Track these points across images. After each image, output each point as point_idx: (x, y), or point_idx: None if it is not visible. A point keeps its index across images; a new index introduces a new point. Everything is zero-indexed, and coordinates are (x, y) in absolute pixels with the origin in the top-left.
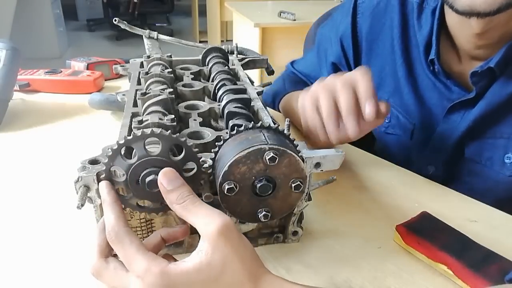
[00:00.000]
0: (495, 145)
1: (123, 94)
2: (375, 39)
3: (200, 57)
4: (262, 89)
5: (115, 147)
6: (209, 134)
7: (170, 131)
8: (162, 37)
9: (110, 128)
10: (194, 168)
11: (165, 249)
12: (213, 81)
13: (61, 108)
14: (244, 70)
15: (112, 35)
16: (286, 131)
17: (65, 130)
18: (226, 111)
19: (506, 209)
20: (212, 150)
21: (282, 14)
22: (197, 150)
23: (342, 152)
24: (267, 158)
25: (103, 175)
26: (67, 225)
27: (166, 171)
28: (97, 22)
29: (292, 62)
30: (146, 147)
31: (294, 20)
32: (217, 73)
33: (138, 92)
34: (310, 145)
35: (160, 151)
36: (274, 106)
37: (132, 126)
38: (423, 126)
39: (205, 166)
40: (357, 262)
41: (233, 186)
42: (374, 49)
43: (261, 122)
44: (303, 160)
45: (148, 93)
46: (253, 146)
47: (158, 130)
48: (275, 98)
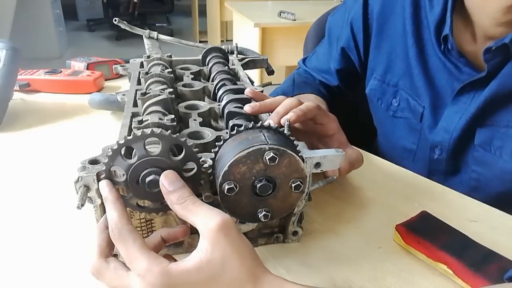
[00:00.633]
0: (507, 134)
1: (123, 94)
2: (386, 21)
3: (200, 57)
4: (262, 89)
5: (115, 147)
6: (209, 134)
7: (170, 131)
8: (162, 37)
9: (110, 128)
10: (194, 168)
11: (165, 249)
12: (213, 81)
13: (61, 108)
14: (244, 70)
15: (112, 35)
16: (286, 131)
17: (65, 130)
18: (226, 111)
19: (509, 200)
20: (212, 150)
21: (282, 14)
22: (197, 150)
23: (342, 152)
24: (267, 158)
25: (103, 175)
26: (67, 225)
27: (167, 173)
28: (97, 22)
29: (304, 59)
30: (146, 147)
31: (294, 20)
32: (217, 73)
33: (138, 92)
34: None
35: (160, 151)
36: None
37: (132, 126)
38: (433, 108)
39: (205, 166)
40: (357, 262)
41: (233, 186)
42: (385, 30)
43: (261, 122)
44: (303, 160)
45: (148, 93)
46: (253, 146)
47: (158, 130)
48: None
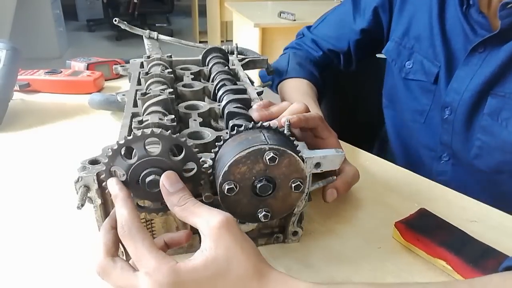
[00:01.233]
0: None
1: (123, 94)
2: None
3: (200, 57)
4: (262, 89)
5: (115, 147)
6: (209, 134)
7: (170, 131)
8: (162, 37)
9: (110, 128)
10: (194, 168)
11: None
12: (213, 81)
13: (61, 108)
14: (244, 70)
15: (112, 35)
16: (286, 131)
17: (65, 130)
18: (226, 111)
19: (506, 173)
20: (212, 150)
21: (282, 14)
22: (197, 150)
23: (342, 152)
24: (267, 158)
25: (103, 175)
26: (67, 225)
27: (168, 174)
28: (97, 22)
29: (308, 27)
30: (146, 147)
31: (294, 20)
32: (217, 73)
33: (138, 92)
34: None
35: (160, 151)
36: (272, 85)
37: (132, 126)
38: (447, 70)
39: (205, 166)
40: (357, 262)
41: (233, 186)
42: None
43: (261, 122)
44: (303, 160)
45: (148, 93)
46: (253, 146)
47: (158, 130)
48: (275, 77)
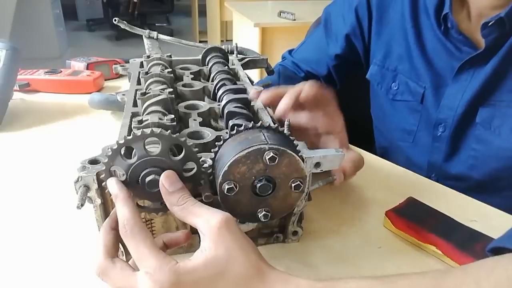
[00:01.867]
0: (508, 113)
1: (123, 94)
2: (386, 8)
3: (200, 57)
4: (262, 89)
5: (115, 147)
6: (209, 134)
7: (170, 131)
8: (162, 37)
9: (110, 128)
10: (194, 168)
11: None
12: (213, 81)
13: (61, 108)
14: (244, 70)
15: (112, 35)
16: (286, 131)
17: (65, 130)
18: (226, 111)
19: (504, 179)
20: (212, 150)
21: (282, 14)
22: (197, 150)
23: (342, 152)
24: (267, 158)
25: (103, 175)
26: (67, 225)
27: (168, 174)
28: (97, 22)
29: (290, 51)
30: (146, 147)
31: (294, 20)
32: (217, 73)
33: (138, 92)
34: None
35: (160, 151)
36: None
37: (132, 126)
38: (434, 88)
39: (205, 166)
40: (357, 262)
41: (233, 186)
42: (385, 17)
43: (261, 122)
44: (303, 160)
45: (148, 93)
46: (253, 146)
47: (158, 130)
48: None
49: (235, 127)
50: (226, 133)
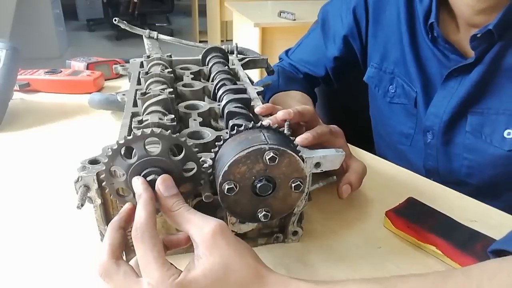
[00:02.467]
0: (497, 121)
1: (123, 94)
2: (383, 10)
3: (200, 57)
4: (262, 89)
5: (115, 147)
6: (209, 134)
7: (170, 131)
8: (162, 37)
9: (110, 128)
10: (194, 168)
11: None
12: (213, 81)
13: (61, 108)
14: (244, 70)
15: (112, 35)
16: (286, 131)
17: (65, 130)
18: (226, 111)
19: (502, 185)
20: (212, 150)
21: (282, 14)
22: (197, 150)
23: (342, 152)
24: (267, 158)
25: (103, 175)
26: (67, 225)
27: (164, 178)
28: (97, 22)
29: (286, 52)
30: (146, 147)
31: (294, 20)
32: (217, 73)
33: (138, 92)
34: None
35: (160, 151)
36: (264, 97)
37: (132, 126)
38: (424, 94)
39: (205, 166)
40: (357, 262)
41: (233, 186)
42: (381, 19)
43: (261, 122)
44: (303, 160)
45: (148, 93)
46: (253, 146)
47: (158, 130)
48: (266, 91)
49: (235, 127)
50: (226, 133)
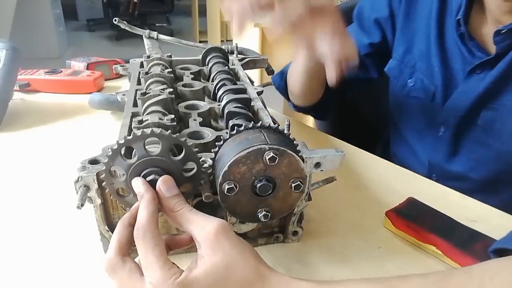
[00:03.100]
0: (509, 118)
1: (123, 94)
2: (415, 3)
3: (200, 57)
4: (262, 89)
5: (115, 147)
6: (209, 134)
7: (170, 131)
8: (162, 37)
9: (110, 128)
10: (194, 168)
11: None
12: (213, 81)
13: (61, 108)
14: (244, 70)
15: (112, 35)
16: (286, 131)
17: (65, 130)
18: (226, 111)
19: (503, 181)
20: (212, 150)
21: None
22: (197, 150)
23: (342, 152)
24: (267, 158)
25: (103, 175)
26: (67, 225)
27: (165, 179)
28: (97, 22)
29: None
30: (146, 147)
31: None
32: (217, 73)
33: (138, 92)
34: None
35: (160, 151)
36: (282, 84)
37: (132, 126)
38: (444, 89)
39: (205, 166)
40: (357, 262)
41: (233, 186)
42: (412, 13)
43: (261, 122)
44: (303, 160)
45: (148, 93)
46: (253, 146)
47: (158, 130)
48: (284, 75)
49: (235, 127)
50: (226, 133)
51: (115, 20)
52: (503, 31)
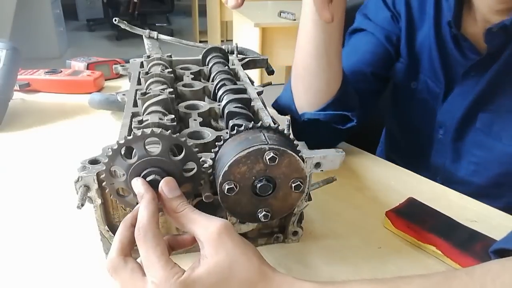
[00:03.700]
0: (509, 118)
1: (123, 94)
2: (423, 6)
3: (200, 57)
4: (262, 89)
5: (115, 147)
6: (209, 134)
7: (170, 131)
8: (162, 37)
9: (110, 128)
10: (194, 168)
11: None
12: (213, 81)
13: (61, 108)
14: (244, 70)
15: (112, 35)
16: (286, 131)
17: (65, 130)
18: (226, 111)
19: (505, 184)
20: (212, 150)
21: (282, 14)
22: (197, 150)
23: (342, 152)
24: (267, 158)
25: (103, 175)
26: (67, 225)
27: (167, 180)
28: (97, 22)
29: None
30: (146, 147)
31: (294, 20)
32: (217, 73)
33: (138, 92)
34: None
35: (160, 151)
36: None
37: (132, 126)
38: (446, 91)
39: (205, 166)
40: (357, 262)
41: (233, 186)
42: (415, 17)
43: (261, 122)
44: (303, 160)
45: (148, 93)
46: (253, 146)
47: (158, 130)
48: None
49: (235, 127)
50: (226, 133)
51: (115, 20)
52: (495, 30)
